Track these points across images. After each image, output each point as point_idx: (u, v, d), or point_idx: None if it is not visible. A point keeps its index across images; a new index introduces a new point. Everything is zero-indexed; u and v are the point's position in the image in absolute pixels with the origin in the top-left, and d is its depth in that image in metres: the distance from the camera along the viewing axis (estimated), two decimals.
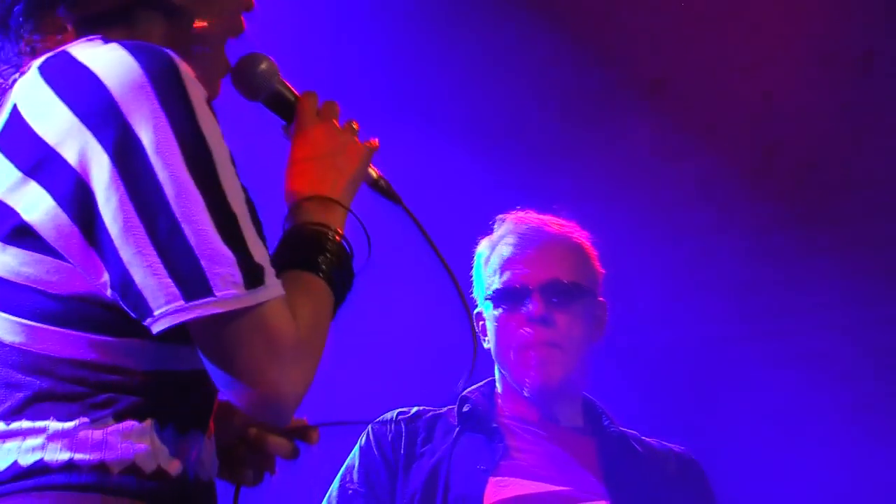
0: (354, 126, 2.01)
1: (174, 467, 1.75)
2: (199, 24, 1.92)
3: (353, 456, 3.43)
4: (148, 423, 1.73)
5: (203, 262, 1.67)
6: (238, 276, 1.67)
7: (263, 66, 2.00)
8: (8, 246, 1.74)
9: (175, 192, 1.68)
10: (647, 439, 3.49)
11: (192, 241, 1.67)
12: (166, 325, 1.66)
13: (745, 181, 4.58)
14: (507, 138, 4.72)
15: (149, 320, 1.67)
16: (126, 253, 1.68)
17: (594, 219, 3.51)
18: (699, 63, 4.69)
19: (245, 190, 1.79)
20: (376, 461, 3.41)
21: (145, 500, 1.71)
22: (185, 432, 1.77)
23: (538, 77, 4.88)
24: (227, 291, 1.66)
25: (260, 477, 2.05)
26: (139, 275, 1.68)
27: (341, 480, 3.43)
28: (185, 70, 1.74)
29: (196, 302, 1.65)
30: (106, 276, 1.71)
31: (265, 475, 2.08)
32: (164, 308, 1.66)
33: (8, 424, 1.72)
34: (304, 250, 1.85)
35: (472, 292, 3.47)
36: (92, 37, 1.80)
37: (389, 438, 3.43)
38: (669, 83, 4.75)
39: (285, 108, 2.00)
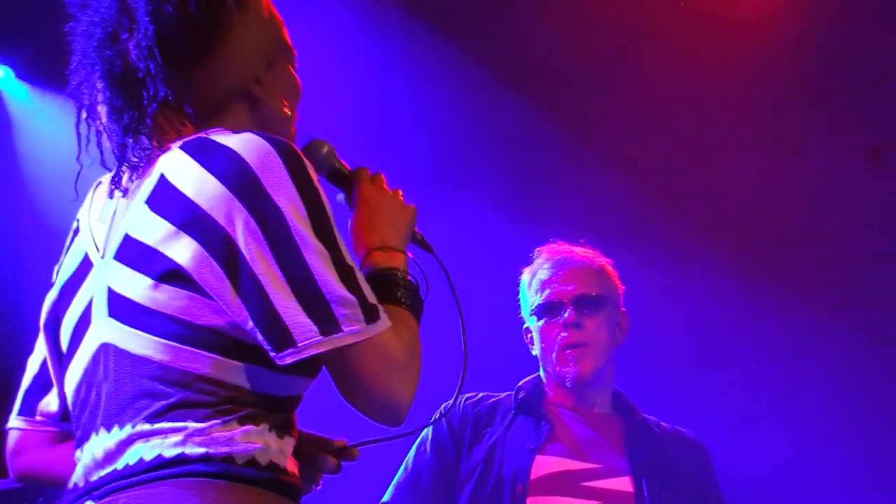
0: (399, 192, 2.18)
1: (280, 461, 1.90)
2: (274, 111, 2.11)
3: (428, 430, 3.62)
4: (261, 427, 1.89)
5: (332, 306, 1.84)
6: (359, 315, 1.84)
7: (325, 149, 2.19)
8: (161, 284, 1.88)
9: (305, 251, 1.84)
10: (664, 424, 3.66)
11: (323, 289, 1.84)
12: (308, 354, 1.84)
13: (702, 240, 4.92)
14: (515, 199, 5.10)
15: (290, 350, 1.84)
16: (273, 296, 1.84)
17: None
18: (664, 146, 5.11)
19: None
20: (445, 436, 3.61)
21: (261, 487, 1.86)
22: (283, 437, 1.92)
23: (540, 155, 5.24)
24: (353, 327, 1.83)
25: (309, 487, 2.18)
26: (285, 315, 1.84)
27: (417, 448, 3.64)
28: (298, 151, 1.92)
29: (331, 337, 1.83)
30: (246, 314, 1.86)
31: (312, 486, 2.21)
32: (308, 341, 1.83)
33: (153, 425, 1.86)
34: (386, 289, 2.00)
35: (520, 313, 3.70)
36: (216, 129, 1.96)
37: (458, 419, 3.62)
38: (641, 161, 5.16)
39: (342, 181, 2.19)
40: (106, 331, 1.93)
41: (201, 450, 1.83)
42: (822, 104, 4.88)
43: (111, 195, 2.02)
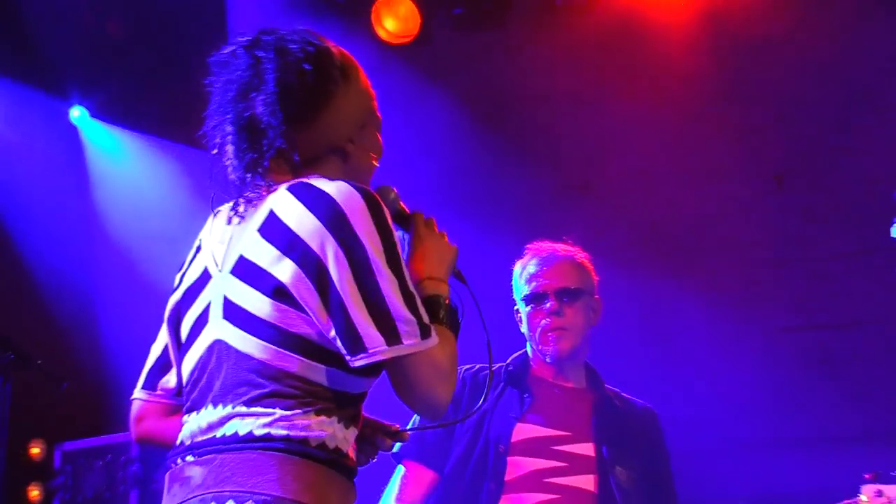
0: (445, 234, 2.28)
1: (343, 447, 2.02)
2: (360, 164, 2.21)
3: None
4: (332, 418, 2.00)
5: (397, 323, 1.96)
6: (417, 331, 1.97)
7: (392, 195, 2.26)
8: (266, 297, 2.00)
9: (379, 277, 1.97)
10: (625, 395, 3.69)
11: (391, 309, 1.96)
12: (374, 360, 1.96)
13: (641, 247, 5.18)
14: (491, 215, 5.33)
15: (362, 355, 1.96)
16: (352, 311, 1.96)
17: None
18: (611, 171, 5.40)
19: None
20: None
21: (327, 466, 1.98)
22: (349, 428, 2.04)
23: (512, 180, 5.48)
24: (411, 341, 1.96)
25: (367, 460, 2.28)
26: (359, 327, 1.95)
27: None
28: (380, 200, 2.04)
29: (393, 347, 1.96)
30: (331, 324, 1.97)
31: (369, 460, 2.29)
32: (375, 349, 1.95)
33: (249, 408, 1.99)
34: (432, 311, 2.09)
35: (513, 296, 3.68)
36: (313, 175, 2.07)
37: (458, 386, 3.54)
38: (592, 184, 5.46)
39: (403, 221, 2.26)
40: (220, 330, 2.05)
41: (284, 432, 1.96)
42: (738, 139, 5.21)
43: (229, 222, 2.13)
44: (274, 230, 2.01)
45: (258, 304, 1.99)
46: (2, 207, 5.73)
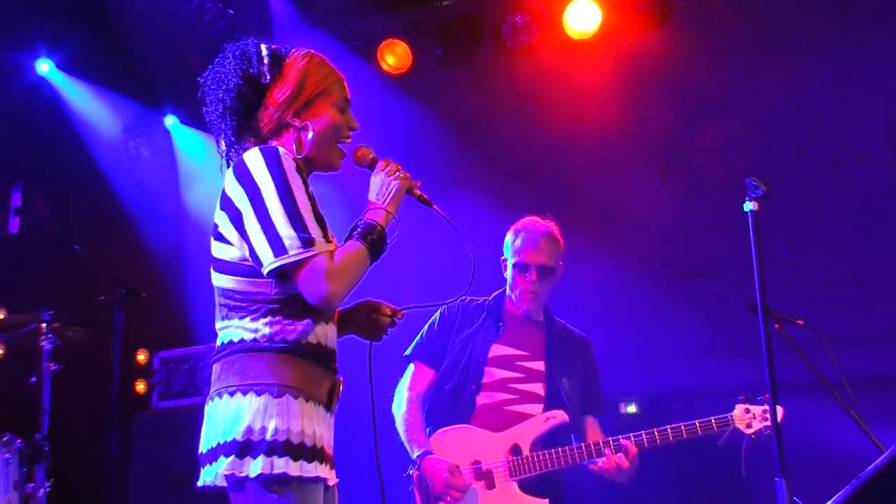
0: (402, 173, 2.31)
1: (292, 336, 2.10)
2: (305, 138, 2.25)
3: (436, 315, 3.90)
4: (277, 318, 2.08)
5: (282, 240, 2.03)
6: (299, 245, 2.04)
7: (367, 150, 2.37)
8: (214, 240, 2.17)
9: (269, 206, 2.05)
10: (568, 326, 3.94)
11: (278, 230, 2.04)
12: (270, 268, 2.06)
13: (566, 217, 4.47)
14: (462, 196, 5.20)
15: (262, 268, 2.07)
16: (252, 237, 2.05)
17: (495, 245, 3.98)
18: (545, 164, 5.74)
19: (315, 204, 2.10)
20: (446, 321, 3.89)
21: (272, 353, 2.09)
22: (300, 319, 2.12)
23: (472, 170, 5.75)
24: (294, 251, 2.04)
25: (380, 337, 2.38)
26: (257, 247, 2.06)
27: (430, 325, 3.91)
28: (283, 152, 2.13)
29: (280, 257, 2.04)
30: (247, 248, 2.07)
31: (382, 336, 2.38)
32: (267, 262, 2.05)
33: (224, 321, 2.15)
34: (362, 231, 2.19)
35: (503, 250, 3.90)
36: (256, 144, 2.22)
37: (455, 310, 3.88)
38: (532, 174, 5.80)
39: (373, 166, 2.35)
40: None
41: (240, 335, 2.13)
42: (636, 144, 5.72)
43: None
44: (222, 193, 2.22)
45: (212, 242, 2.23)
46: (117, 190, 6.04)
